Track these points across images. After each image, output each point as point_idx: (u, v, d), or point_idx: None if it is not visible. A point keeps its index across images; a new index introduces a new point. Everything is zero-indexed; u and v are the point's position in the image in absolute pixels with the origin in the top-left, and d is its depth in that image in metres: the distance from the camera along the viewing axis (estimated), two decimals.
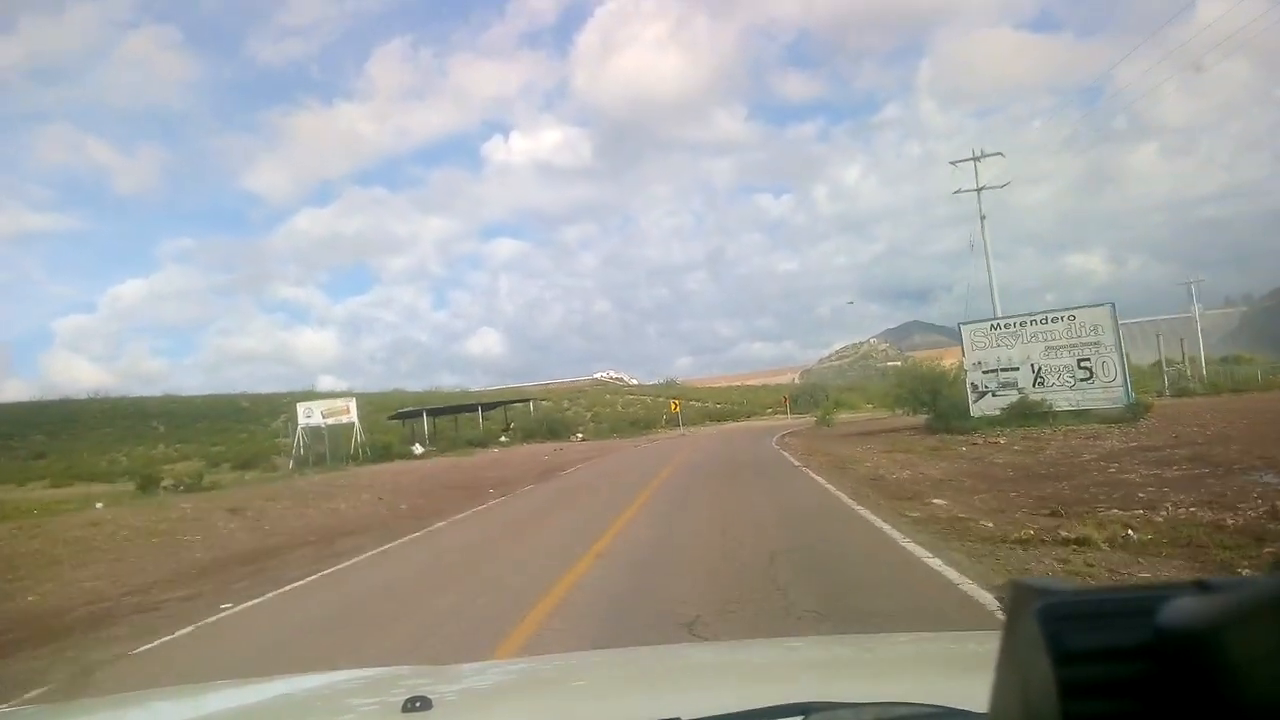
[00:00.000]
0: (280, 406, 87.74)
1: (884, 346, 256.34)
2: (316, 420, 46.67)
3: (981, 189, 37.13)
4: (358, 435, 46.84)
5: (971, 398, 30.89)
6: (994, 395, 30.47)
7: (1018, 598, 0.60)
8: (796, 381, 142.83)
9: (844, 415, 66.21)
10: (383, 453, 46.11)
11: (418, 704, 1.69)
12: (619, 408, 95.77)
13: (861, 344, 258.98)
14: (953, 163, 38.06)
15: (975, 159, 37.38)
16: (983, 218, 36.99)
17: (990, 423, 29.64)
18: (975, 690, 0.96)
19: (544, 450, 44.99)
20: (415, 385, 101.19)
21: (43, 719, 3.18)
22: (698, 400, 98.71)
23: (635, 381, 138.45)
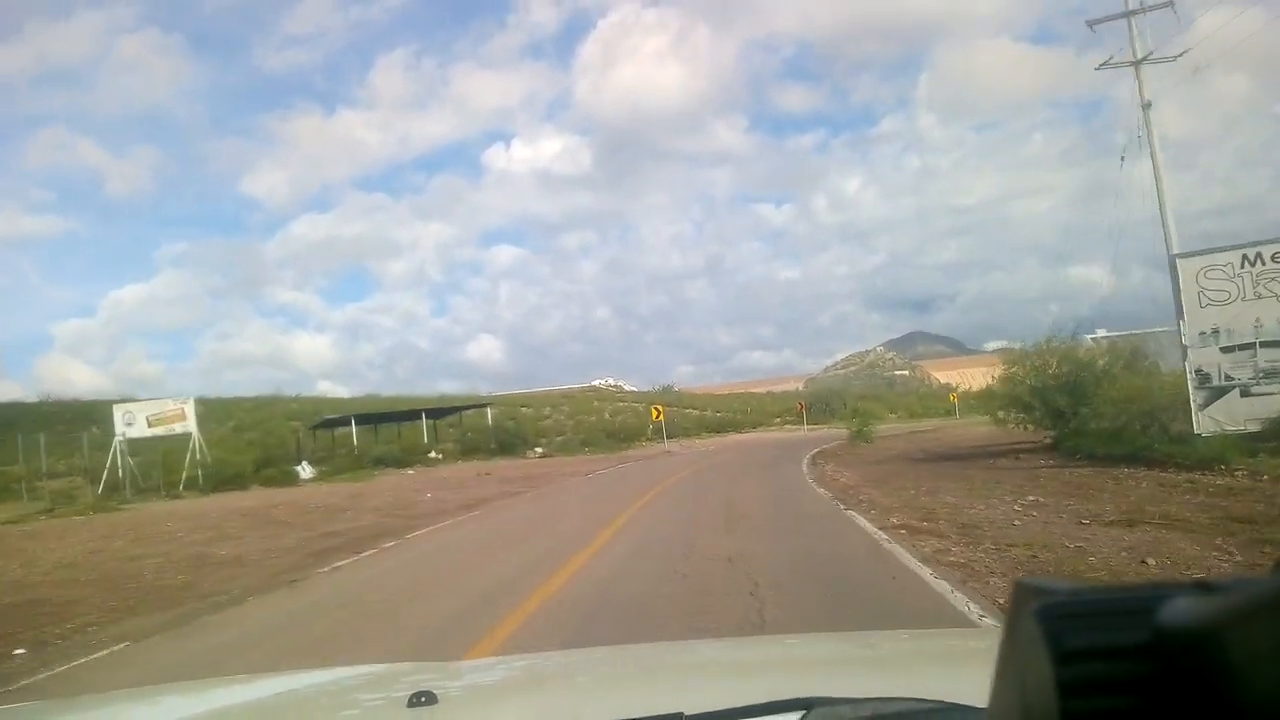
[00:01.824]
0: (242, 409, 73.04)
1: (890, 355, 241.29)
2: (140, 430, 31.50)
3: (1142, 61, 21.86)
4: (196, 452, 31.51)
5: (1196, 399, 15.57)
6: (1245, 394, 15.19)
7: (1018, 596, 0.58)
8: (801, 389, 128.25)
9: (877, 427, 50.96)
10: (233, 478, 30.79)
11: (423, 699, 1.61)
12: (606, 415, 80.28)
13: (867, 352, 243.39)
14: (1091, 23, 22.83)
15: (1129, 13, 22.13)
16: (1147, 106, 21.71)
17: (1237, 447, 14.48)
18: (974, 687, 0.94)
19: (459, 475, 29.82)
20: (416, 390, 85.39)
21: (44, 715, 2.73)
22: (694, 408, 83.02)
23: (633, 389, 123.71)
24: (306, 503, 22.17)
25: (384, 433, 54.69)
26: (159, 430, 31.31)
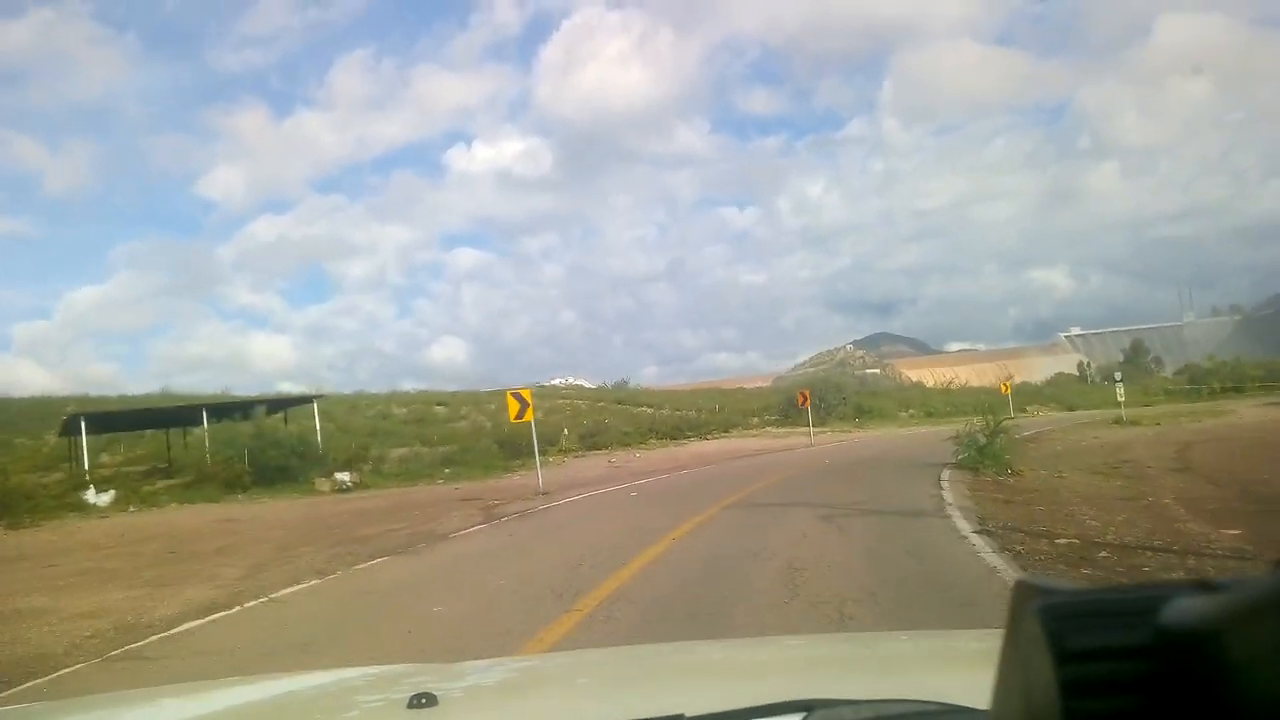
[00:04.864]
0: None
1: (860, 354, 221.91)
2: None
3: None
4: None
5: None
6: None
7: (1020, 596, 0.56)
8: (769, 388, 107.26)
9: (919, 427, 29.87)
10: None
11: (423, 700, 1.53)
12: (540, 415, 57.82)
13: (837, 350, 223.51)
14: None
15: None
16: None
17: None
18: (976, 688, 0.92)
19: None
20: (377, 389, 63.26)
21: (43, 717, 2.66)
22: (650, 405, 60.76)
23: (589, 386, 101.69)
24: None
25: (175, 438, 33.39)
26: None
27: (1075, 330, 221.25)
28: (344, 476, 24.26)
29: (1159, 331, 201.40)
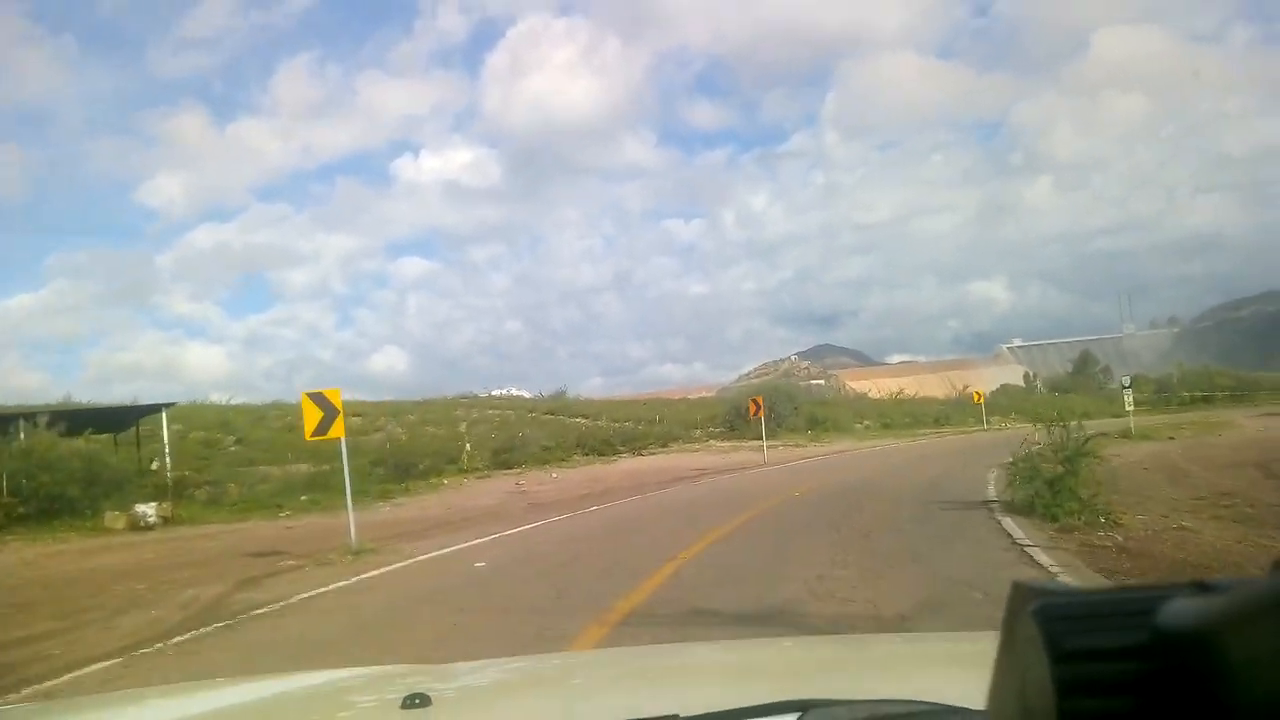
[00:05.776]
0: None
1: (805, 365, 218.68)
2: None
3: None
4: None
5: None
6: None
7: (1016, 597, 0.55)
8: (710, 398, 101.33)
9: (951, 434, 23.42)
10: None
11: (417, 701, 1.50)
12: (460, 428, 51.40)
13: (782, 361, 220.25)
14: None
15: None
16: None
17: None
18: (972, 689, 0.91)
19: None
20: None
21: (39, 718, 2.69)
22: (586, 417, 54.66)
23: (530, 396, 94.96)
24: None
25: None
26: None
27: (1017, 342, 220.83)
28: (147, 510, 17.91)
29: (1099, 343, 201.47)
